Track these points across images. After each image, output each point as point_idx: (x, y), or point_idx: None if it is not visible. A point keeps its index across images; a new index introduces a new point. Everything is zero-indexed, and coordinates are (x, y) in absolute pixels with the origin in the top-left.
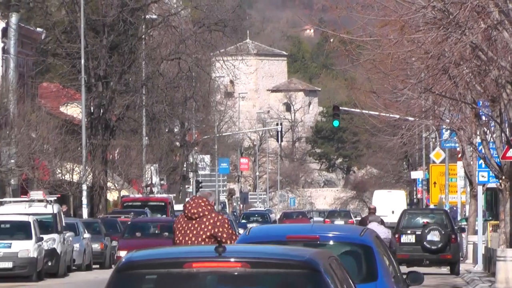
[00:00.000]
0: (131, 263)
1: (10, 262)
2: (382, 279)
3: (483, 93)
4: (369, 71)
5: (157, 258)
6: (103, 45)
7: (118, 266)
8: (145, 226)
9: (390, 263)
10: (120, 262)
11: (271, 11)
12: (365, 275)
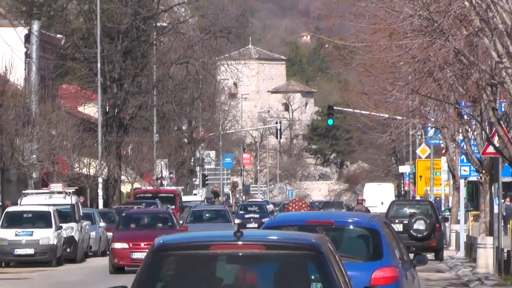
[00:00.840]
0: (164, 246)
1: (32, 249)
2: (387, 257)
3: (465, 94)
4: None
5: (186, 241)
6: (118, 50)
7: (153, 248)
8: (139, 218)
9: (398, 247)
10: (155, 245)
11: (271, 19)
12: (372, 254)
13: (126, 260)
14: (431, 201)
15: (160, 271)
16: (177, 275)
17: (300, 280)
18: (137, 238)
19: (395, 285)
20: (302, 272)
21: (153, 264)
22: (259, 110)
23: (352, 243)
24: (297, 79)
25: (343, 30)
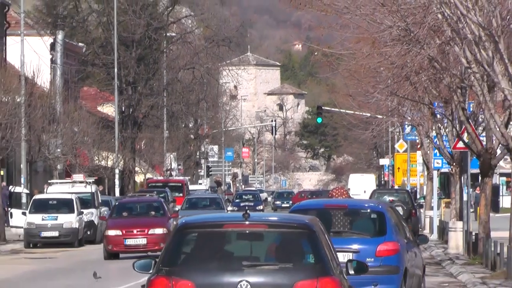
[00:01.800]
0: (186, 225)
1: (57, 232)
2: (390, 234)
3: (438, 96)
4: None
5: (204, 221)
6: (132, 57)
7: (177, 227)
8: (132, 206)
9: (402, 228)
10: (178, 224)
11: (267, 30)
12: (378, 232)
13: (120, 247)
14: (407, 190)
15: (182, 245)
16: (196, 248)
17: (296, 253)
18: (130, 225)
19: (396, 256)
20: (298, 246)
21: (177, 239)
22: (256, 109)
23: (362, 223)
24: (290, 82)
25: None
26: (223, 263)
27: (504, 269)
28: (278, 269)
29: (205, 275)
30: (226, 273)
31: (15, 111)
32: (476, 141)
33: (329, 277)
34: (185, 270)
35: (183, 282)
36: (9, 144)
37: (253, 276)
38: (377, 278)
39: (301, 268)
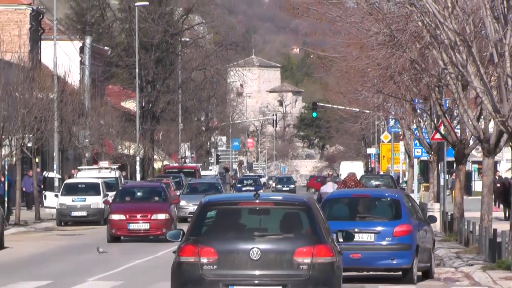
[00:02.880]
0: (209, 202)
1: (85, 212)
2: (404, 218)
3: (418, 94)
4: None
5: (223, 199)
6: (151, 59)
7: (202, 204)
8: (135, 191)
9: (414, 211)
10: (202, 202)
11: (269, 35)
12: (394, 216)
13: (123, 231)
14: (391, 176)
15: (205, 219)
16: (216, 221)
17: (297, 225)
18: (134, 210)
19: (409, 236)
20: (297, 219)
21: (201, 214)
22: (259, 105)
23: (381, 208)
24: (289, 81)
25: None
26: (238, 233)
27: (476, 245)
28: (282, 238)
29: (224, 243)
30: (240, 242)
31: (48, 106)
32: (451, 133)
33: (323, 245)
34: (208, 239)
35: (206, 249)
36: (43, 135)
37: (262, 244)
38: (394, 253)
39: (300, 237)
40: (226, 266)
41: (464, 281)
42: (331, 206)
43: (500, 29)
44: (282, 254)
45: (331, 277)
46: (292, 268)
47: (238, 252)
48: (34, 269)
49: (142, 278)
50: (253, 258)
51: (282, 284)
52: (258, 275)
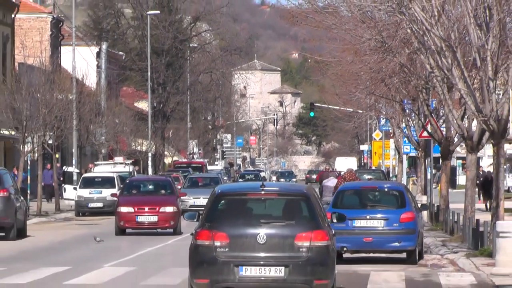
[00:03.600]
0: (222, 192)
1: (101, 203)
2: (408, 206)
3: (407, 95)
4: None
5: (234, 190)
6: (162, 63)
7: (216, 194)
8: (142, 185)
9: (413, 201)
10: (216, 191)
11: (270, 42)
12: (400, 205)
13: (131, 223)
14: (382, 170)
15: (218, 207)
16: (228, 209)
17: (297, 213)
18: (142, 203)
19: (413, 222)
20: (298, 207)
21: (215, 202)
22: (261, 105)
23: (388, 198)
24: (288, 84)
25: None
26: (246, 220)
27: (460, 234)
28: (284, 224)
29: (235, 228)
30: (249, 227)
31: (68, 106)
32: (437, 131)
33: (320, 230)
34: (221, 224)
35: (219, 234)
36: (63, 133)
37: (267, 230)
38: (401, 237)
39: (300, 224)
40: (236, 249)
41: (449, 267)
42: (343, 197)
43: (483, 36)
44: (284, 239)
45: (326, 258)
46: (293, 251)
47: (247, 237)
48: (54, 256)
49: (154, 264)
50: (260, 242)
51: (285, 265)
52: (264, 257)
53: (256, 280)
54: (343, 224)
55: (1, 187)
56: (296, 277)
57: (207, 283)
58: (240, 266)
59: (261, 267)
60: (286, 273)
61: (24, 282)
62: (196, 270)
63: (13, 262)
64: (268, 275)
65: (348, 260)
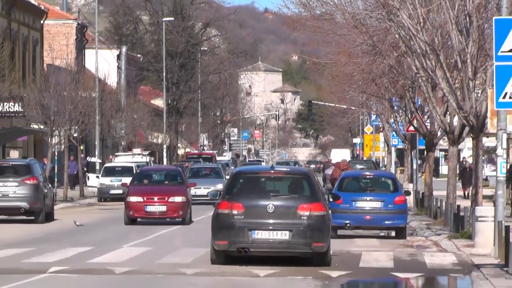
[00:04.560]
0: (240, 171)
1: (121, 190)
2: (400, 191)
3: (395, 93)
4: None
5: (248, 170)
6: (176, 64)
7: (234, 173)
8: (152, 174)
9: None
10: (234, 171)
11: (273, 45)
12: (393, 189)
13: (141, 213)
14: (373, 161)
15: (236, 183)
16: (243, 185)
17: (300, 188)
18: (151, 192)
19: (404, 204)
20: (300, 185)
21: (234, 180)
22: (265, 103)
23: (384, 184)
24: (289, 83)
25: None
26: (258, 193)
27: (442, 218)
28: (289, 197)
29: (249, 200)
30: (260, 199)
31: (91, 103)
32: (422, 126)
33: (318, 202)
34: (238, 197)
35: (236, 204)
36: (87, 127)
37: (275, 201)
38: (395, 216)
39: (302, 197)
40: (250, 216)
41: (433, 248)
42: (347, 182)
43: (463, 40)
44: (289, 209)
45: (323, 225)
46: (296, 219)
47: (258, 207)
48: (78, 237)
49: (168, 245)
50: (269, 211)
51: (289, 230)
52: (272, 223)
53: (266, 241)
54: (347, 205)
55: (31, 175)
56: (298, 239)
57: (226, 244)
58: (253, 230)
59: (270, 231)
60: (290, 236)
61: (51, 261)
62: (217, 233)
63: (41, 243)
64: (275, 238)
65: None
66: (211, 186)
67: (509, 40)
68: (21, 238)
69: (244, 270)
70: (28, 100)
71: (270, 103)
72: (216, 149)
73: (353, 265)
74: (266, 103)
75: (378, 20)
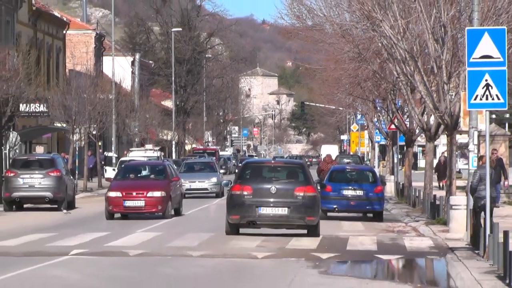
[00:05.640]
0: (248, 162)
1: None
2: (378, 182)
3: (378, 95)
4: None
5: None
6: (183, 70)
7: (243, 164)
8: (136, 169)
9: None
10: (243, 163)
11: (270, 53)
12: (373, 181)
13: (119, 208)
14: (358, 155)
15: (246, 171)
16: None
17: (295, 174)
18: (130, 187)
19: (382, 192)
20: (296, 172)
21: (243, 169)
22: (262, 104)
23: (365, 176)
24: (284, 87)
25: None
26: (263, 179)
27: (420, 206)
28: (287, 182)
29: (256, 183)
30: (265, 183)
31: (108, 104)
32: (402, 124)
33: (310, 186)
34: (247, 181)
35: (246, 187)
36: (104, 125)
37: (277, 185)
38: (374, 202)
39: (298, 182)
40: (257, 196)
41: (412, 233)
42: (335, 174)
43: (439, 48)
44: (287, 190)
45: (314, 204)
46: (293, 198)
47: (263, 189)
48: (97, 224)
49: (177, 230)
50: (272, 192)
51: (287, 207)
52: (274, 201)
53: (269, 215)
54: (336, 193)
55: (54, 168)
56: (294, 214)
57: (238, 218)
58: (259, 207)
59: (272, 207)
60: (288, 211)
61: (72, 244)
62: (231, 210)
63: (64, 228)
64: (277, 213)
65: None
66: (205, 180)
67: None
68: (46, 224)
69: (244, 253)
70: (52, 102)
71: (267, 104)
72: (219, 145)
73: (341, 248)
74: (263, 104)
75: (363, 30)
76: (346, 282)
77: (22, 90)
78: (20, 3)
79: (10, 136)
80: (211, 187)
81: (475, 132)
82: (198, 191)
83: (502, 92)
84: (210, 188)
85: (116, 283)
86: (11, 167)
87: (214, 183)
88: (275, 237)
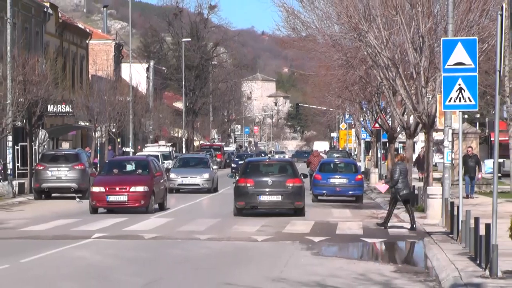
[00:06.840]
0: (249, 161)
1: None
2: (359, 172)
3: (364, 98)
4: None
5: (255, 160)
6: (192, 75)
7: (245, 162)
8: (120, 164)
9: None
10: (246, 161)
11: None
12: (355, 171)
13: (103, 203)
14: (347, 151)
15: (248, 168)
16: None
17: (286, 170)
18: (113, 182)
19: (362, 180)
20: (286, 168)
21: (246, 166)
22: (262, 105)
23: (348, 167)
24: (281, 90)
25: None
26: (262, 173)
27: None
28: (280, 175)
29: (256, 177)
30: (263, 177)
31: (126, 105)
32: (385, 123)
33: (297, 178)
34: (249, 175)
35: (249, 180)
36: (122, 124)
37: (272, 178)
38: (356, 188)
39: (288, 175)
40: (257, 187)
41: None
42: (324, 166)
43: (417, 56)
44: (280, 182)
45: (301, 192)
46: (284, 188)
47: (262, 182)
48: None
49: (187, 216)
50: (269, 184)
51: (280, 194)
52: (270, 191)
53: (267, 202)
54: (325, 181)
55: (79, 162)
56: (286, 200)
57: (243, 204)
58: (259, 195)
59: (269, 195)
60: (281, 198)
61: (94, 229)
62: (238, 198)
63: (87, 215)
64: (272, 200)
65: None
66: (197, 176)
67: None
68: (71, 211)
69: (246, 236)
70: (77, 103)
71: (266, 105)
72: (224, 141)
73: (331, 232)
74: (263, 106)
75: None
76: (336, 262)
77: (50, 93)
78: (48, 16)
79: (40, 133)
80: (203, 183)
81: (449, 130)
82: (189, 186)
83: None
84: (201, 184)
85: (132, 263)
86: (41, 161)
87: (206, 179)
88: (273, 222)
